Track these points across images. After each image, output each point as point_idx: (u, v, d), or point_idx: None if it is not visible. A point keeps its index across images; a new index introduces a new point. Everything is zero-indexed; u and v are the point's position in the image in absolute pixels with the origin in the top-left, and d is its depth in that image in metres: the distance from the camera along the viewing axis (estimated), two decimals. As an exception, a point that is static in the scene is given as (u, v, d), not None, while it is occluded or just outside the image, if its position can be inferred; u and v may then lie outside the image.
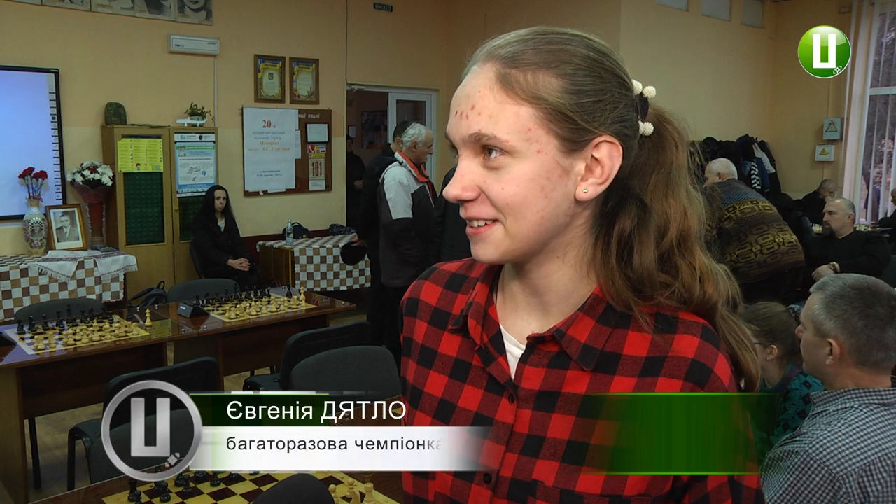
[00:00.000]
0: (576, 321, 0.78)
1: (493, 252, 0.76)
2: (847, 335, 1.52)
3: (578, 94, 0.73)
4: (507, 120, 0.72)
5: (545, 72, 0.72)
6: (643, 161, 0.79)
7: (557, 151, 0.73)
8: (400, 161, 4.36)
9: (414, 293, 0.93)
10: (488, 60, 0.74)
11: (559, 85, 0.72)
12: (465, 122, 0.74)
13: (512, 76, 0.72)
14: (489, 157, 0.73)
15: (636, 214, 0.78)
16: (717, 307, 0.80)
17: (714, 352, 0.77)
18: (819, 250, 4.96)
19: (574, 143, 0.73)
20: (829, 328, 1.54)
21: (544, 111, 0.72)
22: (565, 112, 0.72)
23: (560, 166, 0.73)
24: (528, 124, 0.72)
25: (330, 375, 2.78)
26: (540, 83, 0.72)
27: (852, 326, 1.51)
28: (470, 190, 0.75)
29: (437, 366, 0.86)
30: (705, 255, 0.80)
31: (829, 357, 1.54)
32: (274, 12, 6.75)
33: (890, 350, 1.51)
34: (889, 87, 8.02)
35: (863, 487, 1.38)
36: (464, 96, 0.75)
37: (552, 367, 0.78)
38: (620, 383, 0.76)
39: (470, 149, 0.75)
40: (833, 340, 1.53)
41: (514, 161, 0.73)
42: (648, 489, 0.75)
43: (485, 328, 0.83)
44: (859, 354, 1.51)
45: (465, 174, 0.75)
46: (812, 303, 1.59)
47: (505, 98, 0.72)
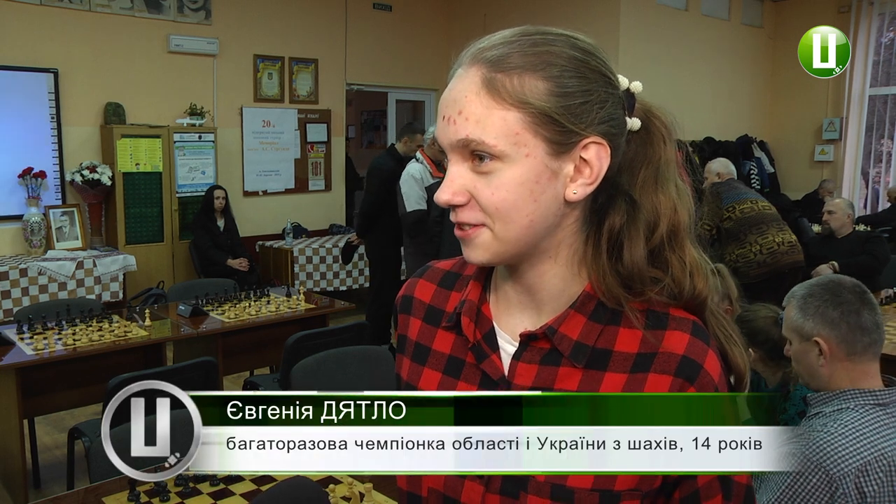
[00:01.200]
0: (567, 318, 0.79)
1: (483, 255, 0.77)
2: (829, 328, 1.55)
3: (565, 96, 0.73)
4: (495, 125, 0.72)
5: (531, 75, 0.72)
6: (631, 156, 0.79)
7: (546, 154, 0.73)
8: (417, 158, 4.59)
9: (408, 291, 0.93)
10: (474, 64, 0.74)
11: (545, 88, 0.72)
12: (453, 127, 0.74)
13: (498, 80, 0.72)
14: (479, 162, 0.73)
15: (625, 210, 0.78)
16: (707, 302, 0.80)
17: (704, 348, 0.77)
18: (818, 250, 4.96)
19: (562, 146, 0.73)
20: (810, 328, 1.57)
21: (531, 115, 0.72)
22: (552, 115, 0.72)
23: (549, 169, 0.74)
24: (516, 129, 0.72)
25: (329, 375, 2.79)
26: (526, 87, 0.72)
27: (830, 318, 1.55)
28: (460, 195, 0.75)
29: (431, 362, 0.87)
30: (696, 250, 0.81)
31: (819, 358, 1.56)
32: (273, 12, 6.75)
33: (871, 332, 1.55)
34: (888, 87, 8.03)
35: (860, 488, 1.38)
36: (451, 101, 0.75)
37: (544, 364, 0.79)
38: (611, 380, 0.77)
39: (459, 154, 0.75)
40: (818, 338, 1.56)
41: (504, 166, 0.73)
42: (639, 484, 0.75)
43: (478, 325, 0.83)
44: (846, 344, 1.54)
45: (455, 179, 0.75)
46: (788, 314, 1.64)
47: (492, 103, 0.72)
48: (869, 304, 1.57)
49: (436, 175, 4.46)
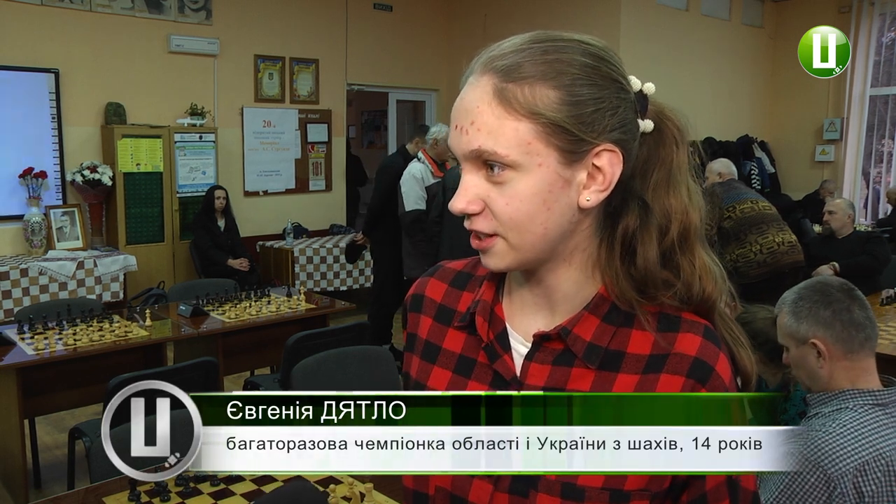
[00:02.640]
0: (581, 320, 0.79)
1: (500, 263, 0.78)
2: (823, 328, 1.56)
3: (576, 105, 0.73)
4: (507, 136, 0.72)
5: (542, 84, 0.73)
6: (644, 159, 0.80)
7: (558, 164, 0.73)
8: (419, 158, 4.61)
9: (419, 289, 0.93)
10: (485, 73, 0.75)
11: (557, 97, 0.72)
12: (466, 137, 0.74)
13: (509, 91, 0.73)
14: (492, 172, 0.74)
15: (638, 214, 0.79)
16: (716, 305, 0.81)
17: (715, 351, 0.78)
18: (819, 250, 4.96)
19: (574, 154, 0.74)
20: (805, 330, 1.58)
21: (543, 125, 0.72)
22: (563, 125, 0.72)
23: (562, 178, 0.74)
24: (528, 139, 0.72)
25: (330, 375, 2.79)
26: (538, 97, 0.72)
27: (822, 318, 1.56)
28: (475, 204, 0.75)
29: (441, 361, 0.87)
30: (706, 253, 0.81)
31: (819, 360, 1.56)
32: (274, 12, 6.75)
33: (865, 327, 1.55)
34: (889, 87, 8.02)
35: (857, 488, 1.38)
36: (463, 110, 0.75)
37: (557, 365, 0.79)
38: (624, 381, 0.77)
39: (472, 163, 0.75)
40: (815, 340, 1.56)
41: (517, 175, 0.73)
42: (648, 485, 0.75)
43: (491, 326, 0.84)
44: (843, 343, 1.54)
45: (470, 188, 0.76)
46: (781, 321, 1.65)
47: (503, 113, 0.73)
48: (858, 300, 1.58)
49: (437, 175, 4.48)
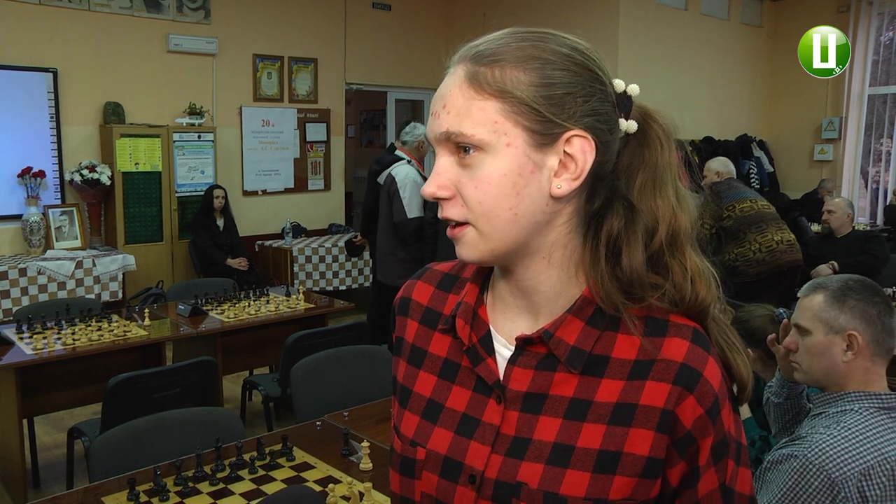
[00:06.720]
0: (564, 323, 0.77)
1: (472, 252, 0.76)
2: (865, 324, 1.51)
3: (546, 86, 0.72)
4: (472, 115, 0.72)
5: (513, 67, 0.73)
6: (629, 160, 0.78)
7: (527, 145, 0.73)
8: (408, 160, 4.44)
9: (406, 293, 0.93)
10: (462, 61, 0.75)
11: (527, 79, 0.72)
12: (437, 121, 0.75)
13: (480, 73, 0.73)
14: (464, 154, 0.74)
15: (623, 215, 0.77)
16: (710, 309, 0.78)
17: (704, 355, 0.75)
18: (818, 249, 4.97)
19: (543, 137, 0.73)
20: (845, 321, 1.52)
21: (510, 104, 0.72)
22: (531, 104, 0.72)
23: (531, 161, 0.73)
24: (495, 117, 0.72)
25: (328, 375, 2.78)
26: (507, 77, 0.72)
27: (869, 315, 1.51)
28: (445, 188, 0.75)
29: (427, 365, 0.86)
30: (698, 256, 0.79)
31: (846, 353, 1.52)
32: (272, 12, 6.75)
33: (894, 337, 1.53)
34: (887, 87, 8.03)
35: (862, 492, 1.37)
36: (438, 97, 0.76)
37: (540, 369, 0.78)
38: (608, 386, 0.75)
39: (445, 147, 0.75)
40: (854, 332, 1.51)
41: (487, 156, 0.72)
42: (633, 493, 0.74)
43: (474, 328, 0.82)
44: (876, 345, 1.51)
45: (441, 172, 0.75)
46: (814, 304, 1.56)
47: (472, 94, 0.73)
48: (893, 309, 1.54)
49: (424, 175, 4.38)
